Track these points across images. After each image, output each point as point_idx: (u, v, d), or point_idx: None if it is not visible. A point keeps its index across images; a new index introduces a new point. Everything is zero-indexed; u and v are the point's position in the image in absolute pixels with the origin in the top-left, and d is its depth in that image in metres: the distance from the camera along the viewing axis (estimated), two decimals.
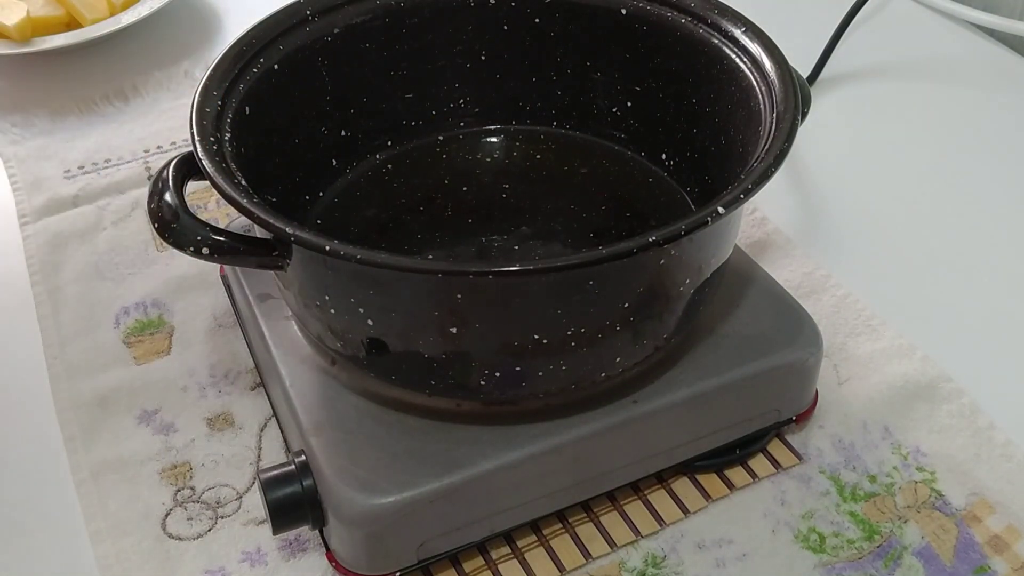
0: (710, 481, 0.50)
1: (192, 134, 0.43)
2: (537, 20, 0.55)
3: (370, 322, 0.42)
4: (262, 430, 0.53)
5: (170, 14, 0.84)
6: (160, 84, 0.78)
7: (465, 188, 0.56)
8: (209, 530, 0.49)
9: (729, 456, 0.50)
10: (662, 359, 0.47)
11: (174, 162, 0.43)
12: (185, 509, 0.49)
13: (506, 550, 0.47)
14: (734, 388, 0.47)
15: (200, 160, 0.42)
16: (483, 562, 0.47)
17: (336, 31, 0.52)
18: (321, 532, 0.47)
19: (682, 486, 0.50)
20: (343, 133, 0.55)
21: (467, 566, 0.47)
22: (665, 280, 0.42)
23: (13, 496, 0.51)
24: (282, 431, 0.51)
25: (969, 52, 0.83)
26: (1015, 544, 0.47)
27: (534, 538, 0.48)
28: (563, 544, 0.48)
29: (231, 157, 0.44)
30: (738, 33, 0.49)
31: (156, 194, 0.41)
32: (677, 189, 0.55)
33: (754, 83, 0.47)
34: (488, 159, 0.57)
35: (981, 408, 0.53)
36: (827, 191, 0.68)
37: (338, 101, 0.54)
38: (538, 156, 0.57)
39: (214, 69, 0.47)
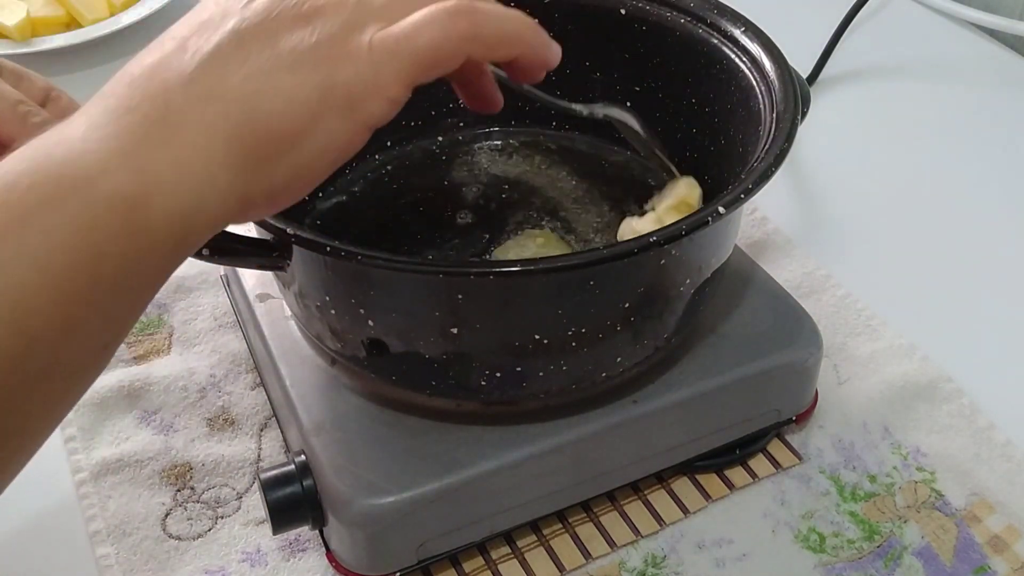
0: (710, 481, 0.50)
1: None
2: (536, 20, 0.55)
3: (370, 322, 0.42)
4: (262, 430, 0.53)
5: (170, 14, 0.84)
6: None
7: (465, 188, 0.56)
8: (209, 530, 0.49)
9: (729, 456, 0.50)
10: (662, 359, 0.47)
11: None
12: (185, 509, 0.49)
13: (506, 550, 0.47)
14: (734, 388, 0.47)
15: None
16: (483, 562, 0.47)
17: None
18: (321, 532, 0.47)
19: (682, 486, 0.50)
20: None
21: (467, 566, 0.47)
22: (665, 280, 0.42)
23: (13, 496, 0.50)
24: (282, 431, 0.51)
25: (969, 52, 0.83)
26: (1015, 544, 0.47)
27: (534, 538, 0.48)
28: (563, 544, 0.48)
29: None
30: (738, 33, 0.49)
31: None
32: None
33: (754, 83, 0.47)
34: (488, 159, 0.57)
35: (981, 408, 0.53)
36: (827, 191, 0.68)
37: None
38: (538, 156, 0.57)
39: None
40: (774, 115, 0.45)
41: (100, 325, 0.31)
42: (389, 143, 0.57)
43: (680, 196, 0.49)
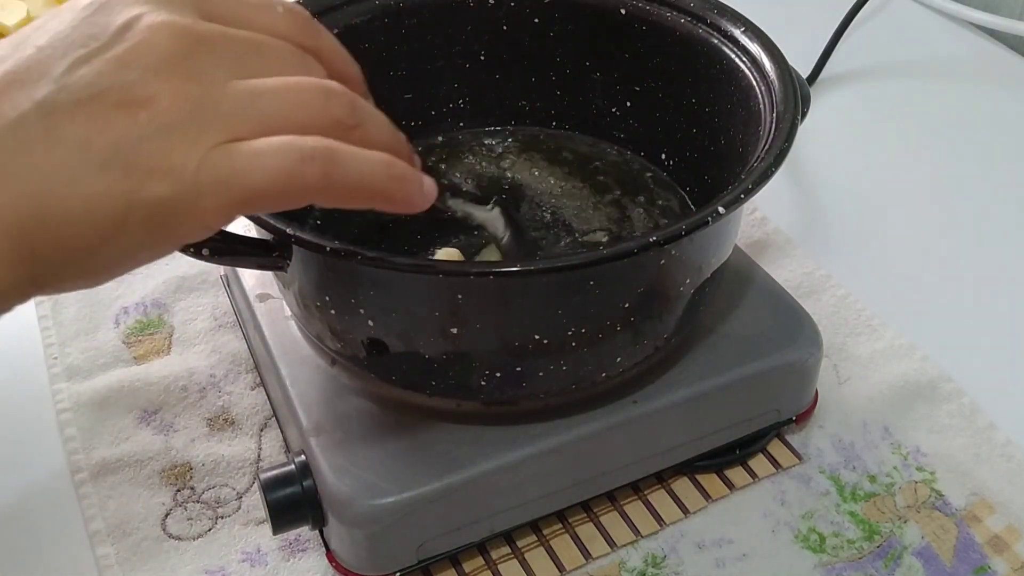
0: (710, 481, 0.50)
1: None
2: (536, 20, 0.55)
3: (370, 323, 0.42)
4: (262, 430, 0.53)
5: None
6: None
7: (465, 188, 0.56)
8: (209, 530, 0.49)
9: (729, 456, 0.50)
10: (662, 359, 0.47)
11: None
12: (185, 509, 0.49)
13: (506, 550, 0.47)
14: (734, 388, 0.47)
15: None
16: (483, 562, 0.47)
17: (335, 31, 0.52)
18: (321, 532, 0.47)
19: (682, 486, 0.50)
20: None
21: (467, 566, 0.47)
22: (665, 280, 0.42)
23: (13, 497, 0.51)
24: (282, 431, 0.51)
25: (969, 52, 0.83)
26: (1015, 544, 0.47)
27: (534, 538, 0.48)
28: (563, 544, 0.48)
29: None
30: (737, 33, 0.49)
31: None
32: (677, 189, 0.55)
33: (753, 83, 0.47)
34: (487, 159, 0.57)
35: (981, 408, 0.53)
36: (827, 191, 0.68)
37: None
38: (538, 156, 0.57)
39: None
40: (774, 115, 0.45)
41: None
42: None
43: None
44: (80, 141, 0.27)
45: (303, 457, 0.45)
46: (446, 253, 0.50)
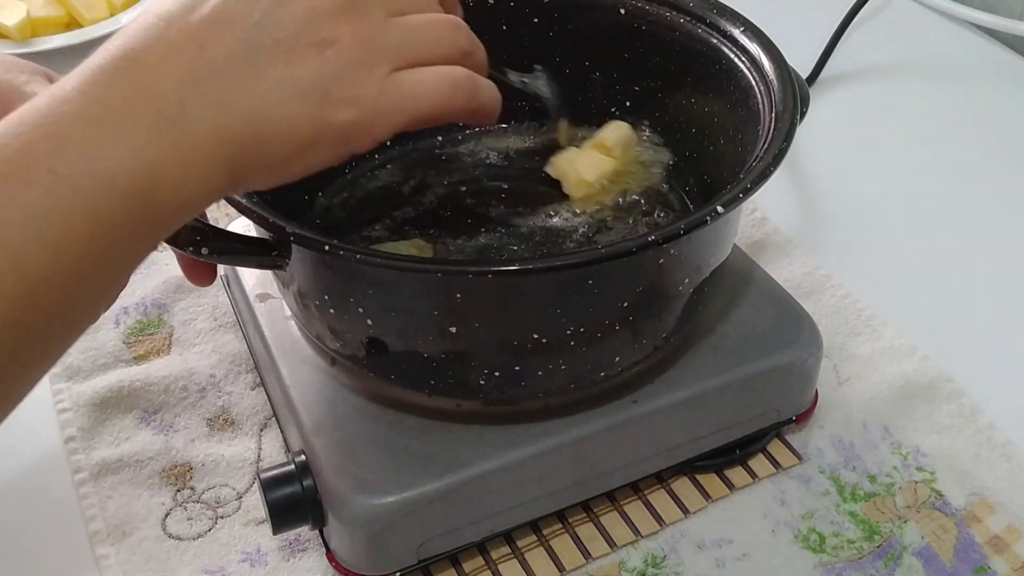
0: (710, 481, 0.50)
1: None
2: (536, 20, 0.55)
3: (369, 322, 0.42)
4: (262, 430, 0.53)
5: None
6: None
7: (464, 188, 0.55)
8: (209, 530, 0.49)
9: (729, 456, 0.50)
10: (662, 359, 0.47)
11: None
12: (185, 509, 0.49)
13: (506, 550, 0.47)
14: (734, 388, 0.47)
15: None
16: (483, 562, 0.47)
17: None
18: (321, 532, 0.47)
19: (682, 486, 0.50)
20: None
21: (467, 566, 0.47)
22: (664, 279, 0.42)
23: (13, 496, 0.51)
24: (282, 431, 0.51)
25: (969, 52, 0.83)
26: (1015, 544, 0.47)
27: (534, 538, 0.48)
28: (563, 544, 0.48)
29: None
30: (737, 33, 0.49)
31: None
32: (676, 189, 0.55)
33: (753, 83, 0.47)
34: (488, 159, 0.57)
35: (981, 408, 0.53)
36: (827, 191, 0.68)
37: None
38: (537, 156, 0.57)
39: None
40: (773, 115, 0.45)
41: (99, 295, 0.34)
42: (389, 143, 0.57)
43: (599, 137, 0.53)
44: (283, 74, 0.34)
45: (303, 457, 0.45)
46: (411, 244, 0.50)
